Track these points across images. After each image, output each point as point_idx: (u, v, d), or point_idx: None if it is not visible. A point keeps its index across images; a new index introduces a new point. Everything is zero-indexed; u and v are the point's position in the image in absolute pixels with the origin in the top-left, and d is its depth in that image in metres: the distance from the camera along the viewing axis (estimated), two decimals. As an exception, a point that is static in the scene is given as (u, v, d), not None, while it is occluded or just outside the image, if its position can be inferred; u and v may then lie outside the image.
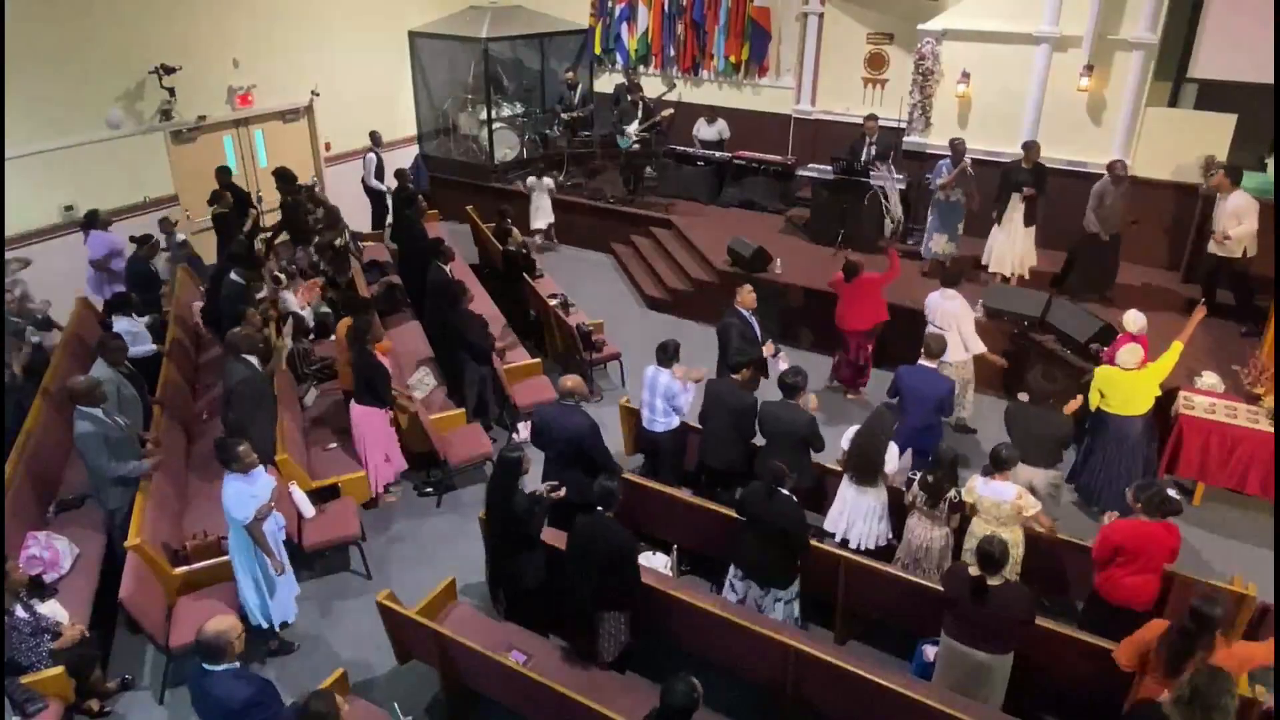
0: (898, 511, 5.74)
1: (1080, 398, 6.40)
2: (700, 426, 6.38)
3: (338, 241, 8.32)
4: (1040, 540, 5.42)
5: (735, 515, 5.45)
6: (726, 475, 6.24)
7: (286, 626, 5.59)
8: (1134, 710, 4.07)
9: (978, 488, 5.35)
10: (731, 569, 5.49)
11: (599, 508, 4.83)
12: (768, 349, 6.97)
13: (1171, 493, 4.78)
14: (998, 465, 5.27)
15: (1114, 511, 5.24)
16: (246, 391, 6.19)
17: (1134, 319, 6.67)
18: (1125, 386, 6.27)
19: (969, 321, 7.42)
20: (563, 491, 5.31)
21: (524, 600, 5.37)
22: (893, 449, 5.66)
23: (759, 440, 6.19)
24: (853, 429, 5.89)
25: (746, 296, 7.02)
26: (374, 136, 11.49)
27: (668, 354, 6.27)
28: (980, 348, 7.47)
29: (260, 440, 5.74)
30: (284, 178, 9.93)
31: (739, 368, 6.69)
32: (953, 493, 5.34)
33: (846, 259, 8.13)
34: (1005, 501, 5.21)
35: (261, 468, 5.26)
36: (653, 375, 6.33)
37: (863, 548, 5.69)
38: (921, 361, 6.51)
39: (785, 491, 5.07)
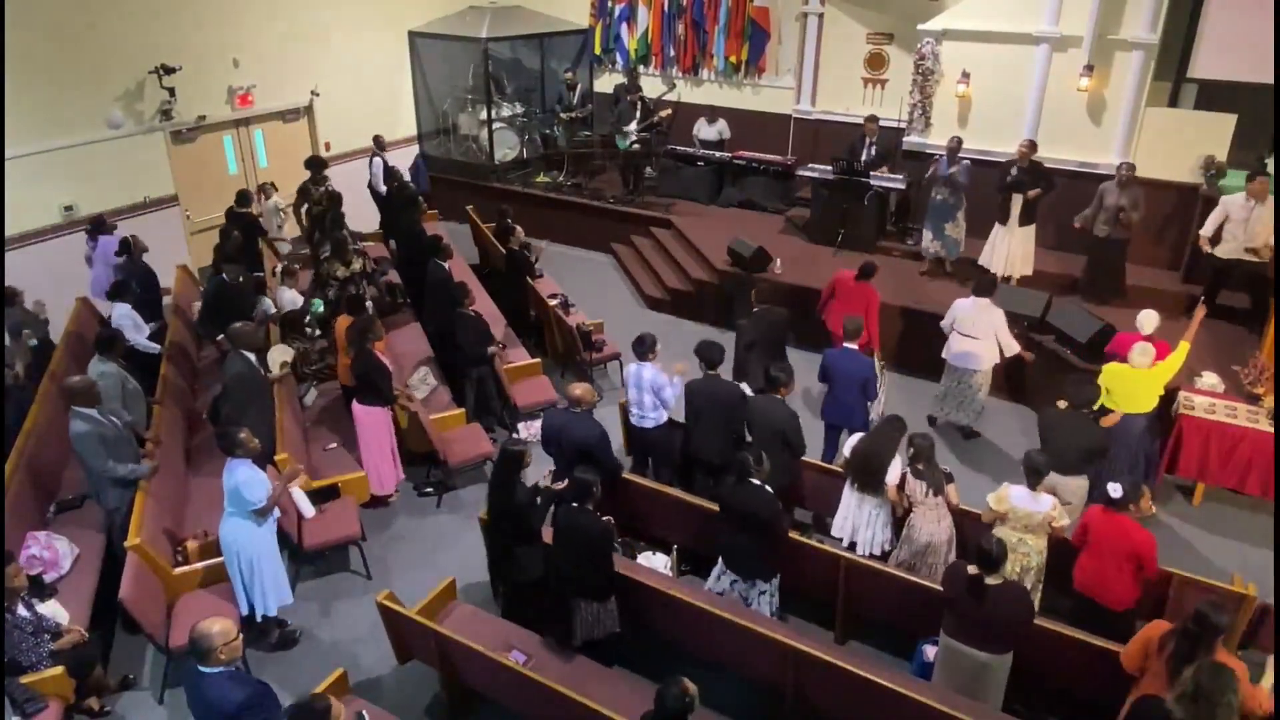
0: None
1: (1119, 414, 6.29)
2: (685, 422, 6.38)
3: (340, 272, 8.42)
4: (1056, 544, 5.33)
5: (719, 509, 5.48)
6: (718, 468, 6.23)
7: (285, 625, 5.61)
8: (1136, 706, 4.05)
9: (1011, 498, 5.22)
10: (719, 562, 5.54)
11: (574, 502, 4.88)
12: None
13: (1113, 491, 4.86)
14: (1033, 474, 5.14)
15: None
16: (241, 386, 6.20)
17: (1148, 319, 6.57)
18: (1132, 384, 6.26)
19: (1006, 328, 7.32)
20: (564, 483, 5.33)
21: (522, 594, 5.38)
22: (895, 460, 5.63)
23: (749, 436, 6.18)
24: (857, 436, 5.90)
25: None
26: (378, 141, 11.41)
27: (646, 347, 6.31)
28: (1016, 349, 7.38)
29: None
30: (314, 165, 9.95)
31: None
32: (945, 469, 5.42)
33: (866, 260, 7.96)
34: (1039, 512, 5.14)
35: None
36: (636, 371, 6.34)
37: (868, 554, 5.67)
38: (845, 345, 6.62)
39: (755, 481, 5.10)
